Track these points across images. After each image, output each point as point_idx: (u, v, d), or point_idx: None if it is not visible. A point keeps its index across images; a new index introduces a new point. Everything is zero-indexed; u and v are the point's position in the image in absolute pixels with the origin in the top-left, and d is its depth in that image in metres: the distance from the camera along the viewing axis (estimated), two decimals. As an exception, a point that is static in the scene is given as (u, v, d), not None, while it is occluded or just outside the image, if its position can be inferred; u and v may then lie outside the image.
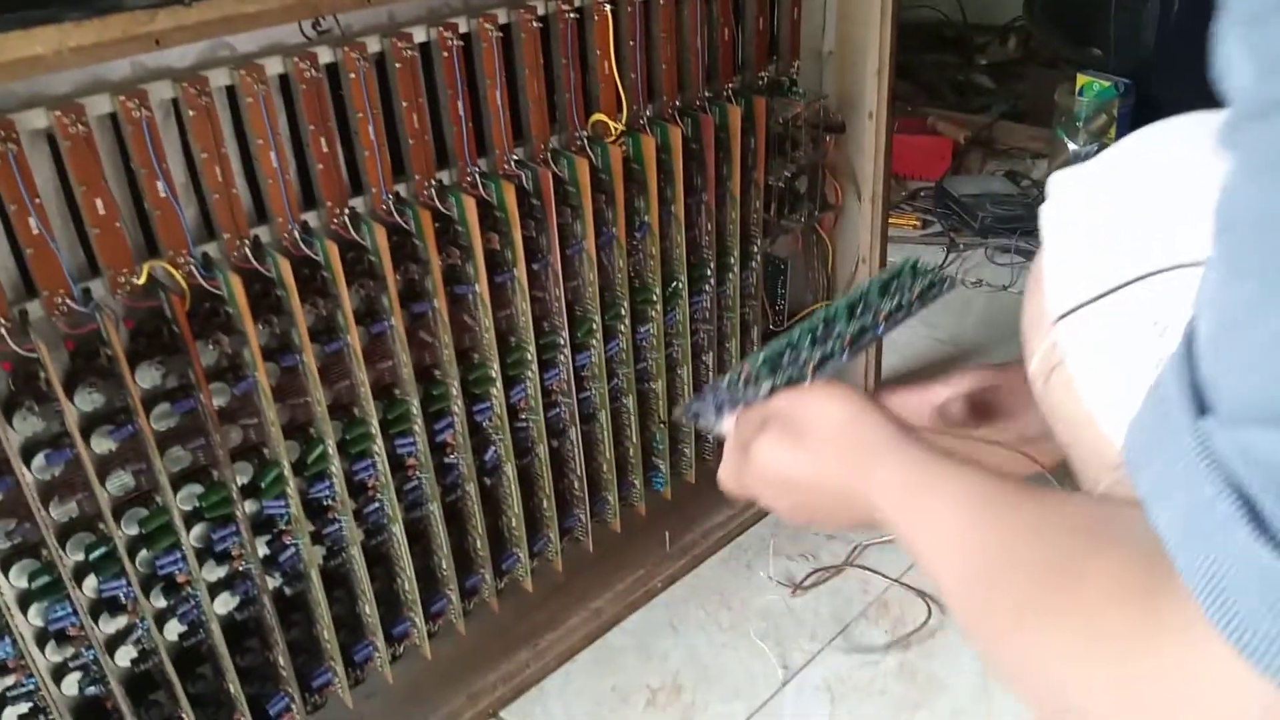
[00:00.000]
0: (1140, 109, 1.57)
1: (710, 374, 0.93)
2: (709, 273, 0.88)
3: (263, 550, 0.68)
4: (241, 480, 0.66)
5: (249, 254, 0.62)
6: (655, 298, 0.84)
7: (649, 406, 0.90)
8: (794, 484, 0.56)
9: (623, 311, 0.82)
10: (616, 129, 0.77)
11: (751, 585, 0.92)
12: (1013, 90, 2.01)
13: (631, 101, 0.77)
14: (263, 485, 0.66)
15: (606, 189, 0.76)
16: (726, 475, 0.60)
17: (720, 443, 0.66)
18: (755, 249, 0.91)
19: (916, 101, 1.94)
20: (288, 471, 0.66)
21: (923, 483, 0.51)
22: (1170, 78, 1.57)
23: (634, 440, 0.89)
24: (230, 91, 0.60)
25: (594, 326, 0.80)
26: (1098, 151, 1.54)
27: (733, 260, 0.89)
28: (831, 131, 0.94)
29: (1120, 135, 1.56)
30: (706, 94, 0.83)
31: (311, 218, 0.65)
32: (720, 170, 0.84)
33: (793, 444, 0.56)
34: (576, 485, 0.86)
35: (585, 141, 0.76)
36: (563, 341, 0.78)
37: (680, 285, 0.85)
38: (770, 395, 0.62)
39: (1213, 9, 0.32)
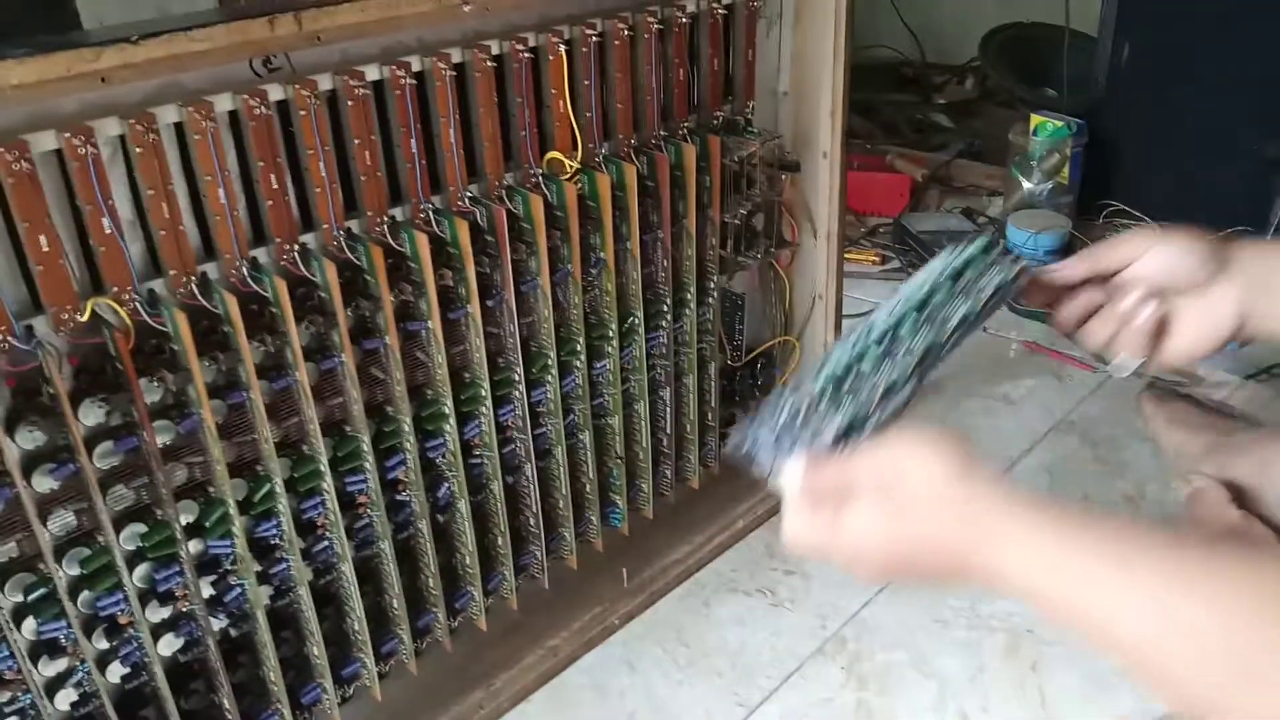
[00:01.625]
0: (1092, 148, 1.60)
1: (668, 409, 0.94)
2: (665, 309, 0.88)
3: (207, 591, 0.67)
4: (186, 519, 0.65)
5: (195, 290, 0.62)
6: (611, 334, 0.84)
7: (605, 442, 0.89)
8: (893, 555, 0.53)
9: (578, 347, 0.82)
10: (572, 166, 0.77)
11: (709, 622, 0.92)
12: (970, 129, 2.05)
13: (587, 140, 0.78)
14: (207, 524, 0.65)
15: (562, 225, 0.76)
16: (799, 535, 0.54)
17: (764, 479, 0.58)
18: (712, 285, 0.92)
19: (876, 139, 1.97)
20: (233, 510, 0.65)
21: (1080, 546, 0.49)
22: (1121, 118, 1.61)
23: (590, 476, 0.88)
24: (179, 128, 0.60)
25: (549, 362, 0.80)
26: (1051, 190, 1.55)
27: (689, 296, 0.90)
28: (787, 170, 0.95)
29: (1073, 174, 1.60)
30: (662, 132, 0.84)
31: (261, 254, 0.65)
32: (676, 207, 0.85)
33: (892, 513, 0.52)
34: (532, 522, 0.85)
35: (540, 179, 0.76)
36: (518, 377, 0.78)
37: (636, 321, 0.86)
38: (841, 438, 0.57)
39: (1161, 52, 0.33)
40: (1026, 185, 1.61)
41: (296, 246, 0.65)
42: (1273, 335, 0.68)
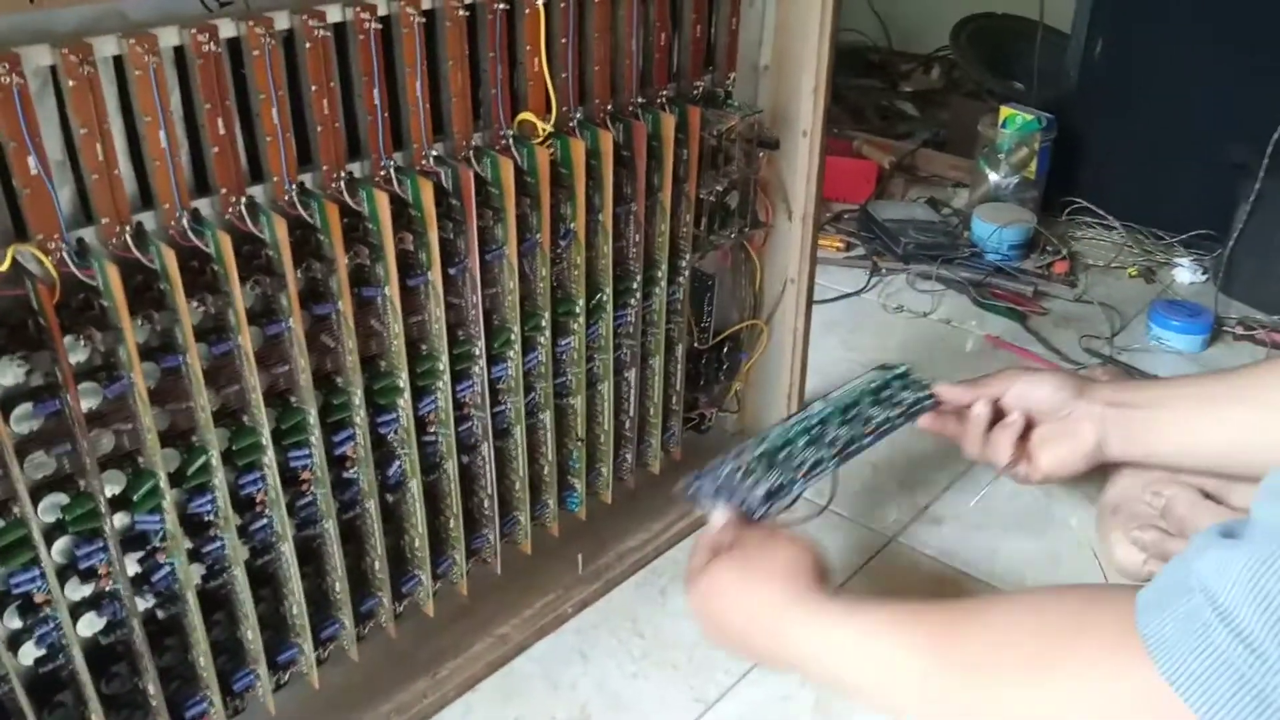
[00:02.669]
0: (1061, 143, 1.59)
1: (632, 391, 0.90)
2: (635, 286, 0.84)
3: (133, 568, 0.62)
4: (112, 491, 0.59)
5: (130, 242, 0.56)
6: (578, 310, 0.80)
7: (567, 423, 0.85)
8: (728, 605, 0.66)
9: (543, 323, 0.77)
10: (544, 130, 0.72)
11: (665, 612, 0.89)
12: (936, 119, 2.04)
13: (561, 102, 0.74)
14: (135, 497, 0.60)
15: (531, 193, 0.72)
16: (692, 569, 0.69)
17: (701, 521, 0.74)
18: (683, 264, 0.88)
19: (842, 124, 1.95)
20: (164, 483, 0.60)
21: (856, 607, 0.62)
22: (1089, 114, 1.60)
23: (549, 458, 0.84)
24: (118, 62, 0.54)
25: (512, 337, 0.75)
26: (1017, 184, 1.55)
27: (660, 274, 0.86)
28: (765, 147, 0.92)
29: (1040, 169, 1.59)
30: (640, 100, 0.80)
31: (204, 205, 0.59)
32: (651, 180, 0.81)
33: (740, 578, 0.66)
34: (486, 504, 0.81)
35: (511, 141, 0.72)
36: (478, 352, 0.74)
37: (605, 298, 0.82)
38: (769, 498, 0.72)
39: (1134, 50, 0.32)
40: (993, 178, 1.59)
41: (243, 199, 0.60)
42: (1126, 459, 0.84)
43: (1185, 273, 1.51)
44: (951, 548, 0.96)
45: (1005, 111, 1.59)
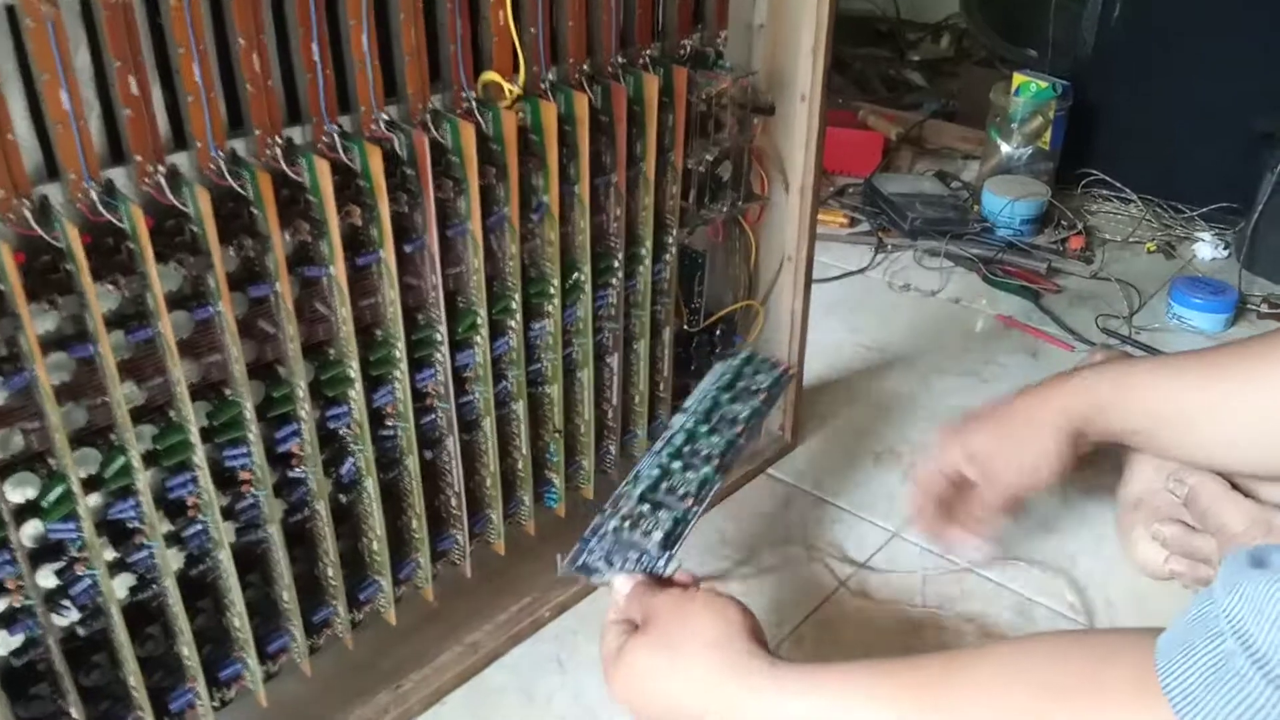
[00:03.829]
0: (1077, 112, 1.52)
1: (615, 378, 0.83)
2: (616, 264, 0.77)
3: (48, 581, 0.55)
4: (21, 497, 0.53)
5: (29, 217, 0.49)
6: (553, 290, 0.73)
7: (542, 414, 0.79)
8: (656, 693, 0.59)
9: (513, 305, 0.70)
10: (512, 92, 0.65)
11: (651, 616, 0.82)
12: (945, 89, 1.95)
13: (531, 61, 0.66)
14: (45, 504, 0.53)
15: (497, 161, 0.65)
16: (606, 656, 0.63)
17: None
18: (670, 240, 0.81)
19: (847, 95, 1.87)
20: (77, 488, 0.53)
21: (814, 674, 0.56)
22: (1109, 81, 1.52)
23: (524, 451, 0.78)
24: (10, 13, 0.47)
25: (478, 321, 0.68)
26: (1031, 155, 1.47)
27: (644, 252, 0.79)
28: (760, 113, 0.84)
29: (1055, 140, 1.51)
30: (620, 60, 0.72)
31: (118, 175, 0.52)
32: (633, 148, 0.74)
33: (667, 658, 0.59)
34: (454, 502, 0.75)
35: (474, 104, 0.64)
36: (440, 337, 0.67)
37: (582, 278, 0.75)
38: (664, 546, 0.67)
39: (1153, 16, 0.27)
40: (1005, 149, 1.51)
41: (163, 168, 0.53)
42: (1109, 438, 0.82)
43: (1206, 248, 1.44)
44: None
45: (1018, 79, 1.51)
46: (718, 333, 0.95)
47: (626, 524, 0.69)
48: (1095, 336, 1.22)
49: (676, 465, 0.74)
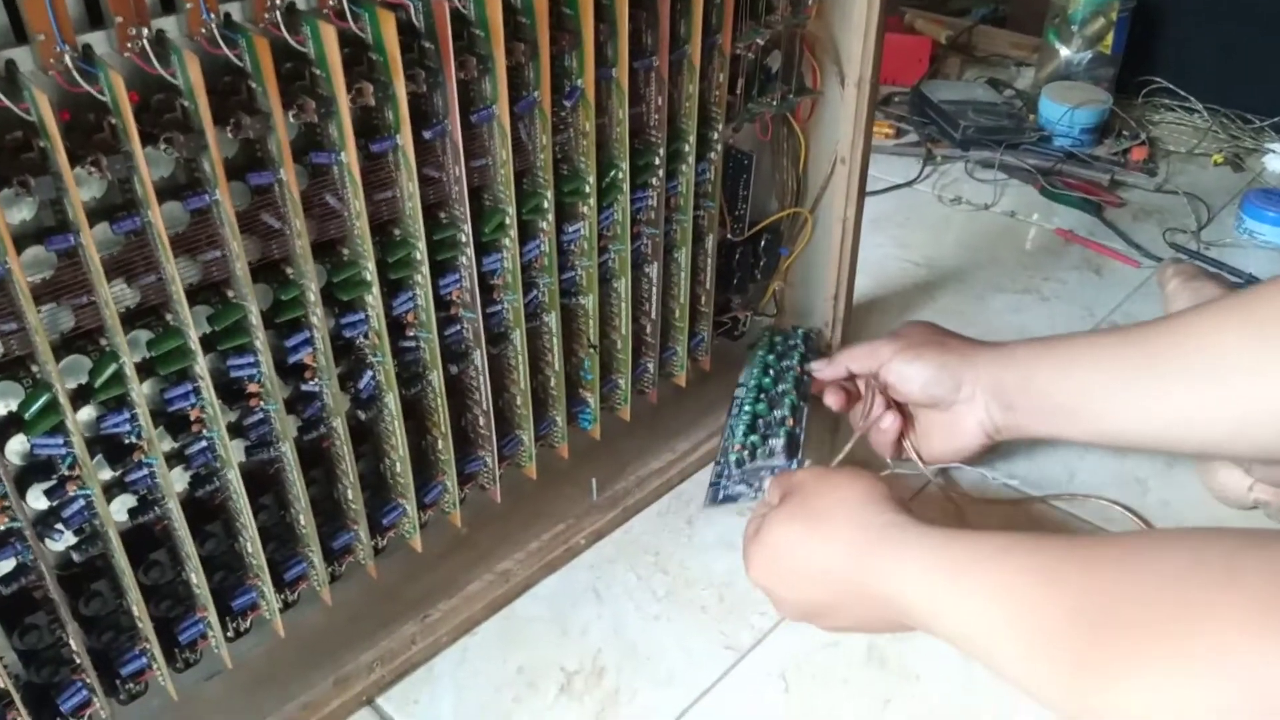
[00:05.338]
0: (1141, 14, 1.41)
1: (654, 289, 0.76)
2: (657, 162, 0.70)
3: (38, 502, 0.50)
4: (2, 408, 0.47)
5: (-6, 86, 0.43)
6: (588, 189, 0.66)
7: (576, 326, 0.72)
8: (801, 561, 0.58)
9: (545, 204, 0.64)
10: (543, -41, 0.58)
11: (693, 545, 0.77)
12: (995, -7, 1.84)
13: (564, -77, 0.59)
14: (28, 416, 0.48)
15: (527, 37, 0.57)
16: (748, 538, 0.63)
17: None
18: (715, 136, 0.74)
19: (891, -1, 1.75)
20: (64, 398, 0.48)
21: (967, 557, 0.51)
22: (1178, -22, 1.42)
23: (556, 368, 0.72)
24: None
25: (506, 221, 0.62)
26: (1091, 60, 1.36)
27: (687, 148, 0.72)
28: (814, -7, 0.76)
29: (1117, 44, 1.41)
30: (663, -74, 0.64)
31: (97, 40, 0.46)
32: (677, 29, 0.66)
33: (810, 525, 0.58)
34: (481, 422, 0.69)
35: (500, -29, 0.57)
36: (465, 238, 0.60)
37: (620, 175, 0.68)
38: (789, 451, 0.72)
39: None
40: (1064, 53, 1.41)
41: (148, 32, 0.46)
42: (1023, 436, 0.75)
43: (1277, 160, 1.34)
44: (1021, 471, 0.83)
45: (1080, -23, 1.40)
46: (762, 244, 0.87)
47: (746, 455, 0.73)
48: (1162, 251, 1.14)
49: (762, 408, 0.77)
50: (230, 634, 0.61)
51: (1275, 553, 0.38)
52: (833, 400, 0.80)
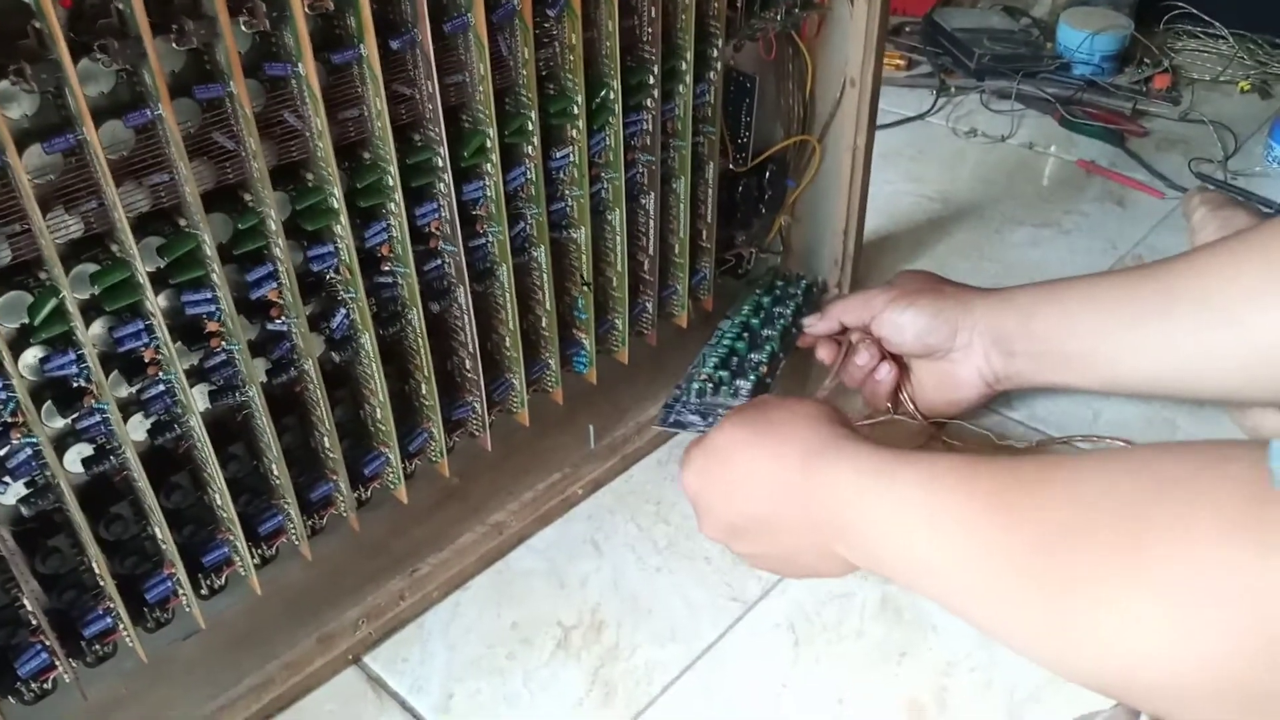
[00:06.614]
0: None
1: (651, 222, 0.72)
2: (651, 81, 0.65)
3: (-20, 453, 0.46)
4: (-68, 350, 0.43)
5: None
6: (576, 110, 0.61)
7: (567, 263, 0.68)
8: (741, 472, 0.55)
9: (529, 126, 0.59)
10: None
11: (696, 492, 0.73)
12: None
13: None
14: (-40, 358, 0.43)
15: (503, -62, 0.52)
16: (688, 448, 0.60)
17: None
18: (715, 54, 0.68)
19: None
20: (4, 353, 0.43)
21: (916, 475, 0.48)
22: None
23: (547, 307, 0.67)
24: None
25: (487, 144, 0.57)
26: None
27: (684, 66, 0.66)
28: (820, -102, 0.70)
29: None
30: None
31: (14, -65, 0.41)
32: (669, -67, 0.61)
33: (758, 430, 0.55)
34: (468, 365, 0.65)
35: None
36: (441, 163, 0.55)
37: (611, 95, 0.63)
38: (756, 392, 0.69)
39: None
40: (1084, -24, 1.34)
41: (71, -76, 0.41)
42: (1025, 386, 0.71)
43: (1307, 87, 1.28)
44: (1042, 413, 0.79)
45: (1099, -104, 1.33)
46: (767, 175, 0.82)
47: (709, 386, 0.70)
48: (1188, 182, 1.09)
49: (740, 346, 0.74)
50: (205, 592, 0.57)
51: (1238, 468, 0.36)
52: (825, 353, 0.76)
